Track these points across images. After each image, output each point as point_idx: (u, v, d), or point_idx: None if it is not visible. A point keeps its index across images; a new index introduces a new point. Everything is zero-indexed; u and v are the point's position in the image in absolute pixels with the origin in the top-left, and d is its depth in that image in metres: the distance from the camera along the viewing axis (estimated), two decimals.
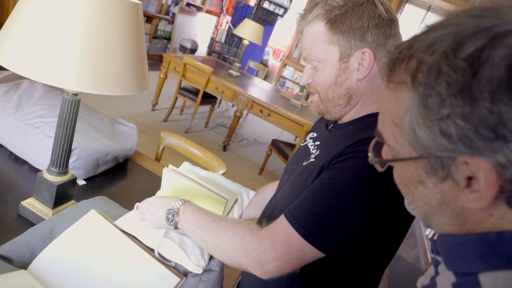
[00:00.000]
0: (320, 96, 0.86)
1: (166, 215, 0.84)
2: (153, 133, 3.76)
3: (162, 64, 4.01)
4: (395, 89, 0.41)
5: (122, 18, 0.84)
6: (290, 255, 0.72)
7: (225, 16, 7.45)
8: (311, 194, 0.75)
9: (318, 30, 0.81)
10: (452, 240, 0.41)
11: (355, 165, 0.72)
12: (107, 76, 0.83)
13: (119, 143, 1.35)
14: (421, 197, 0.43)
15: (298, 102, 4.11)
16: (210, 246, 0.79)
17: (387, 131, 0.44)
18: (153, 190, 1.31)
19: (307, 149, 0.97)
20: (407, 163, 0.42)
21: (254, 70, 7.26)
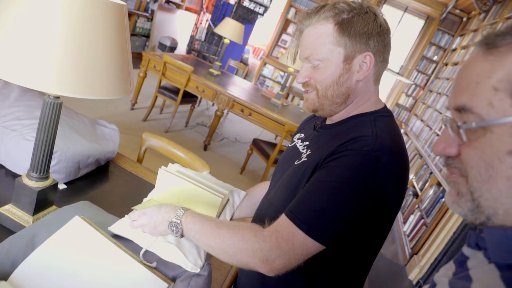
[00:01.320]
0: (319, 94, 0.90)
1: (169, 228, 0.86)
2: (132, 133, 3.70)
3: (142, 62, 3.95)
4: (503, 52, 0.44)
5: (106, 20, 0.82)
6: (295, 251, 0.77)
7: (205, 14, 7.40)
8: (309, 192, 0.80)
9: (326, 31, 0.86)
10: (503, 233, 0.43)
11: (348, 162, 0.78)
12: (90, 80, 0.81)
13: (100, 145, 1.32)
14: (507, 171, 0.43)
15: (279, 101, 4.12)
16: (217, 251, 0.83)
17: (479, 99, 0.45)
18: (136, 193, 1.29)
19: (297, 149, 1.01)
20: (499, 130, 0.43)
21: (234, 69, 7.25)
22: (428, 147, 5.10)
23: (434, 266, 3.03)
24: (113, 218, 0.96)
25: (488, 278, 0.42)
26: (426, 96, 6.82)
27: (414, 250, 3.41)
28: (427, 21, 6.94)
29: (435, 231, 3.19)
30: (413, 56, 7.07)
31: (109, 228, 0.91)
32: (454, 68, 5.88)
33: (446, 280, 0.50)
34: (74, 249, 0.79)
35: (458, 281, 0.47)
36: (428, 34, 6.83)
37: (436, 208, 3.46)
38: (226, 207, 1.17)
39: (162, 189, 1.11)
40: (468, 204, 0.47)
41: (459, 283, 0.46)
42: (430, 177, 4.11)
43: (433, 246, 3.08)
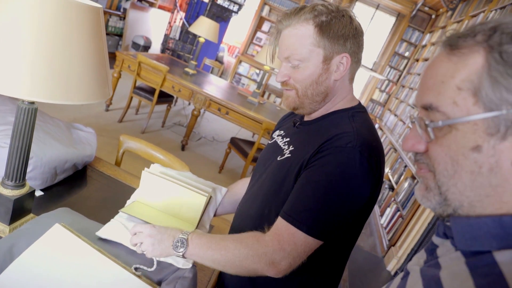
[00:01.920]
0: (299, 92, 0.94)
1: (174, 243, 0.86)
2: (108, 135, 3.62)
3: (115, 62, 3.87)
4: (465, 53, 0.46)
5: (81, 23, 0.81)
6: (297, 250, 0.82)
7: (179, 12, 7.32)
8: (303, 193, 0.84)
9: (306, 32, 0.88)
10: (467, 222, 0.46)
11: (336, 159, 0.82)
12: (66, 84, 0.79)
13: (77, 149, 1.29)
14: (470, 166, 0.45)
15: (255, 100, 4.13)
16: (223, 263, 0.85)
17: (444, 99, 0.47)
18: (116, 196, 1.27)
19: (278, 146, 1.04)
20: (463, 127, 0.45)
21: (209, 67, 7.20)
22: (402, 140, 5.23)
23: (410, 257, 3.12)
24: (94, 224, 0.95)
25: (455, 265, 0.45)
26: (399, 91, 6.98)
27: (392, 241, 3.50)
28: (398, 18, 7.10)
29: (411, 223, 3.29)
30: (386, 52, 7.23)
31: (97, 233, 0.91)
32: (424, 63, 6.04)
33: (417, 268, 0.53)
34: (56, 257, 0.77)
35: (429, 269, 0.50)
36: (399, 31, 7.00)
37: (411, 201, 3.56)
38: (209, 205, 1.18)
39: (146, 191, 1.12)
40: (436, 197, 0.50)
41: (429, 271, 0.49)
42: (404, 170, 4.22)
43: (409, 237, 3.17)
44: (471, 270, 0.43)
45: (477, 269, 0.42)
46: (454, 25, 5.40)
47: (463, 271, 0.43)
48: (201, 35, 4.08)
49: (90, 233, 0.89)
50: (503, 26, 0.44)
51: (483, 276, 0.41)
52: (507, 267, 0.40)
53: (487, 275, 0.41)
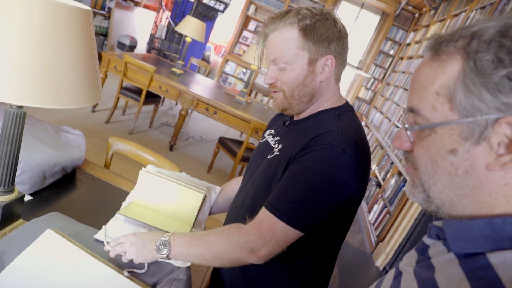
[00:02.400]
0: (286, 94, 0.97)
1: (157, 247, 0.88)
2: (95, 136, 3.58)
3: (101, 63, 3.82)
4: (445, 60, 0.47)
5: (71, 26, 0.80)
6: (277, 239, 0.85)
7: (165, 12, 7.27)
8: (285, 186, 0.87)
9: (291, 36, 0.91)
10: (459, 224, 0.47)
11: (318, 156, 0.86)
12: (54, 88, 0.78)
13: (66, 152, 1.28)
14: (447, 167, 0.48)
15: (243, 99, 4.13)
16: (207, 257, 0.88)
17: (424, 103, 0.49)
18: (106, 199, 1.26)
19: (268, 144, 1.08)
20: (441, 131, 0.47)
21: (196, 67, 7.17)
22: (389, 138, 5.30)
23: (398, 252, 3.17)
24: (85, 228, 0.94)
25: (449, 266, 0.46)
26: (384, 89, 7.07)
27: (380, 237, 3.55)
28: (382, 17, 7.18)
29: (398, 219, 3.34)
30: (371, 51, 7.30)
31: (95, 236, 0.92)
32: (409, 61, 6.13)
33: (411, 269, 0.54)
34: (49, 263, 0.77)
35: (422, 270, 0.51)
36: (384, 30, 7.07)
37: (398, 197, 3.61)
38: (204, 204, 1.20)
39: (143, 190, 1.13)
40: (420, 194, 0.52)
41: (423, 272, 0.50)
42: (391, 167, 4.28)
43: (397, 233, 3.22)
44: (466, 273, 0.43)
45: (472, 271, 0.43)
46: (437, 24, 5.49)
47: (458, 273, 0.44)
48: (187, 35, 4.05)
49: (82, 237, 0.89)
50: (482, 33, 0.45)
51: (478, 279, 0.42)
52: (502, 269, 0.41)
53: (482, 278, 0.42)
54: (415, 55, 5.85)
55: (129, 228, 0.98)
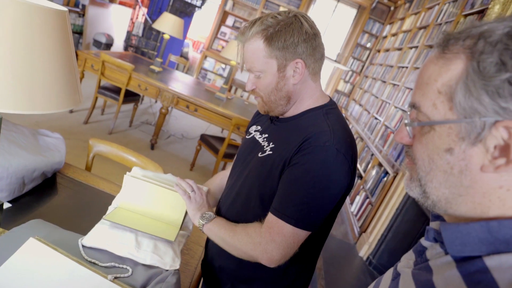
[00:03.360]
0: (264, 99, 1.02)
1: (204, 213, 1.06)
2: (74, 137, 3.51)
3: (78, 62, 3.73)
4: (450, 59, 0.47)
5: (46, 28, 0.78)
6: (287, 241, 0.91)
7: (141, 8, 7.14)
8: (288, 190, 0.92)
9: (258, 46, 0.95)
10: (456, 228, 0.47)
11: (315, 158, 0.90)
12: (29, 93, 0.76)
13: (45, 157, 1.25)
14: (443, 166, 0.48)
15: (223, 95, 4.12)
16: (229, 244, 0.98)
17: (426, 100, 0.50)
18: (89, 203, 1.25)
19: (256, 141, 1.10)
20: (440, 129, 0.48)
21: (174, 64, 7.09)
22: (368, 130, 5.38)
23: (381, 242, 3.23)
24: (69, 234, 0.93)
25: (446, 269, 0.47)
26: (363, 81, 7.16)
27: (362, 228, 3.61)
28: (359, 10, 7.26)
29: (380, 209, 3.41)
30: (348, 44, 7.38)
31: (82, 242, 0.92)
32: (386, 54, 6.22)
33: (409, 271, 0.55)
34: (33, 272, 0.75)
35: (420, 272, 0.52)
36: (360, 23, 7.15)
37: (379, 188, 3.68)
38: None
39: (129, 195, 1.12)
40: (417, 188, 0.53)
41: (421, 275, 0.51)
42: (371, 158, 4.36)
43: (379, 223, 3.29)
44: (464, 277, 0.44)
45: (469, 275, 0.44)
46: (412, 16, 5.58)
47: (456, 277, 0.45)
48: (165, 32, 4.00)
49: (66, 243, 0.87)
50: (489, 33, 0.44)
51: (476, 283, 0.42)
52: (498, 273, 0.41)
53: (479, 282, 0.42)
54: (391, 48, 5.94)
55: (116, 233, 0.97)
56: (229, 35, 7.35)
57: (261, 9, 7.00)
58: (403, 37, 5.61)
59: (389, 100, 4.94)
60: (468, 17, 3.55)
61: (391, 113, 4.69)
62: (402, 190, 3.16)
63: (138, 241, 0.97)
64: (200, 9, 7.20)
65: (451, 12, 4.05)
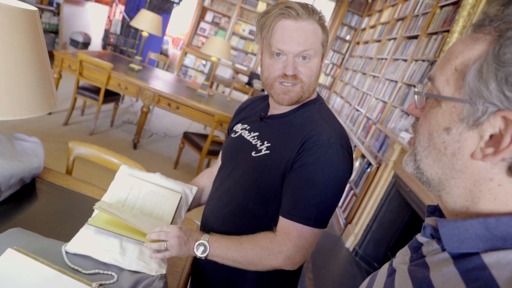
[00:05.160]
0: (304, 87, 0.98)
1: (196, 247, 0.96)
2: (53, 140, 3.43)
3: (54, 62, 3.64)
4: (477, 38, 0.47)
5: (14, 29, 0.75)
6: (308, 242, 0.93)
7: (118, 6, 7.00)
8: (300, 192, 0.92)
9: (317, 30, 0.95)
10: (454, 224, 0.47)
11: (323, 156, 0.91)
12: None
13: (23, 162, 1.21)
14: (439, 144, 0.49)
15: (205, 92, 4.08)
16: (243, 263, 0.95)
17: (442, 74, 0.50)
18: (70, 208, 1.21)
19: (246, 140, 1.06)
20: (445, 106, 0.48)
21: (154, 62, 7.00)
22: (350, 121, 5.43)
23: (366, 232, 3.28)
24: (50, 241, 0.90)
25: (444, 266, 0.47)
26: (343, 74, 7.22)
27: (348, 219, 3.65)
28: (337, 3, 7.29)
29: (364, 200, 3.45)
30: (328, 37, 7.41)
31: (66, 248, 0.90)
32: (365, 46, 6.28)
33: (405, 267, 0.55)
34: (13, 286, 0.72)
35: (417, 269, 0.51)
36: (339, 16, 7.19)
37: (363, 179, 3.73)
38: (180, 206, 1.19)
39: (119, 192, 1.12)
40: (411, 163, 0.55)
41: (418, 271, 0.51)
42: (354, 150, 4.40)
43: (364, 214, 3.33)
44: (462, 274, 0.44)
45: (467, 272, 0.43)
46: (389, 8, 5.64)
47: (454, 274, 0.44)
48: (143, 29, 3.93)
49: (47, 252, 0.84)
50: None
51: (474, 280, 0.42)
52: (496, 270, 0.41)
53: (478, 279, 0.42)
54: (370, 40, 5.99)
55: (100, 239, 0.94)
56: (209, 31, 7.29)
57: (240, 4, 6.96)
58: (382, 29, 5.66)
59: (370, 91, 4.99)
60: (444, 8, 3.60)
61: (372, 104, 4.74)
62: (385, 180, 3.20)
63: (123, 247, 0.95)
64: (179, 5, 7.10)
65: (427, 4, 4.10)
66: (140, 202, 1.12)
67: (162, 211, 1.12)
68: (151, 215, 1.10)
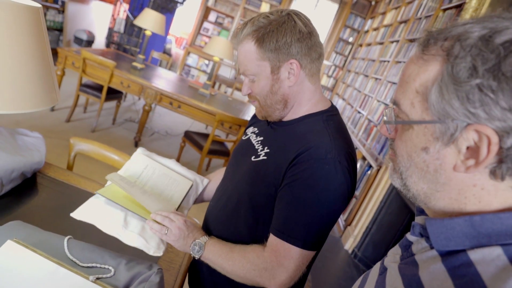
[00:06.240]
0: (260, 103, 0.97)
1: (192, 246, 0.95)
2: (56, 136, 3.44)
3: (58, 59, 3.66)
4: (428, 60, 0.48)
5: (18, 26, 0.76)
6: (295, 263, 0.86)
7: (122, 4, 7.03)
8: (291, 210, 0.86)
9: (250, 49, 0.90)
10: (441, 223, 0.49)
11: (318, 172, 0.84)
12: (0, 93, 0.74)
13: (24, 157, 1.23)
14: (420, 164, 0.50)
15: (207, 91, 4.09)
16: (230, 272, 0.92)
17: (405, 98, 0.51)
18: (70, 203, 1.22)
19: (251, 144, 1.05)
20: (417, 128, 0.49)
21: (157, 61, 7.02)
22: (351, 124, 5.43)
23: (366, 235, 3.28)
24: (50, 235, 0.91)
25: (432, 263, 0.48)
26: (345, 75, 7.22)
27: (347, 221, 3.66)
28: (340, 5, 7.29)
29: (364, 202, 3.45)
30: (331, 39, 7.42)
31: (71, 214, 0.94)
32: (368, 48, 6.28)
33: (395, 265, 0.56)
34: (12, 276, 0.73)
35: (407, 267, 0.53)
36: (342, 18, 7.20)
37: (363, 181, 3.73)
38: (190, 192, 1.22)
39: (134, 169, 1.17)
40: (398, 180, 0.55)
41: (408, 269, 0.52)
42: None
43: (363, 216, 3.33)
44: (449, 270, 0.45)
45: (454, 269, 0.45)
46: (392, 11, 5.64)
47: (441, 271, 0.46)
48: (147, 28, 3.95)
49: (46, 245, 0.85)
50: (466, 36, 0.44)
51: (461, 276, 0.43)
52: (481, 266, 0.42)
53: (464, 275, 0.43)
54: (373, 42, 5.99)
55: (106, 209, 0.97)
56: (212, 31, 7.30)
57: (244, 5, 6.97)
58: (385, 31, 5.67)
59: (372, 94, 5.00)
60: (446, 11, 3.61)
61: (374, 106, 4.74)
62: (385, 183, 3.21)
63: (126, 221, 0.96)
64: (182, 5, 7.13)
65: (430, 7, 4.11)
66: (152, 182, 1.16)
67: (171, 195, 1.15)
68: (160, 196, 1.13)
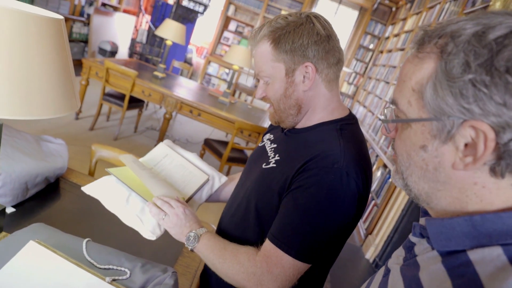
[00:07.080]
0: (274, 107, 0.95)
1: (188, 235, 0.92)
2: (80, 144, 3.55)
3: (83, 70, 3.78)
4: (423, 58, 0.48)
5: (42, 36, 0.80)
6: (285, 273, 0.81)
7: (144, 16, 7.22)
8: (290, 216, 0.83)
9: (265, 50, 0.89)
10: (441, 223, 0.48)
11: (322, 181, 0.80)
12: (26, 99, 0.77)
13: (48, 162, 1.27)
14: (419, 162, 0.50)
15: (226, 100, 4.14)
16: (219, 270, 0.88)
17: (403, 97, 0.51)
18: (91, 207, 1.26)
19: (265, 151, 1.03)
20: (415, 127, 0.49)
21: (178, 70, 7.14)
22: (373, 131, 5.36)
23: (387, 244, 3.22)
24: (70, 237, 0.94)
25: (432, 264, 0.48)
26: (366, 82, 7.15)
27: (368, 230, 3.60)
28: (360, 12, 7.26)
29: (385, 211, 3.39)
30: (351, 46, 7.38)
31: (82, 188, 1.01)
32: (389, 55, 6.21)
33: (398, 267, 0.56)
34: (32, 275, 0.76)
35: (408, 268, 0.53)
36: (362, 24, 7.16)
37: (384, 189, 3.67)
38: (204, 187, 1.22)
39: (155, 157, 1.22)
40: (400, 181, 0.55)
41: (409, 271, 0.52)
42: (376, 160, 4.34)
43: (385, 224, 3.27)
44: (448, 271, 0.45)
45: (453, 269, 0.44)
46: (413, 17, 5.57)
47: (441, 271, 0.45)
48: (167, 38, 4.04)
49: (66, 247, 0.88)
50: (459, 33, 0.44)
51: (459, 276, 0.43)
52: (480, 266, 0.42)
53: (463, 275, 0.43)
54: (394, 48, 5.93)
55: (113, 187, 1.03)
56: (232, 40, 7.39)
57: (263, 14, 7.04)
58: (405, 37, 5.60)
59: None
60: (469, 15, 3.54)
61: None
62: None
63: (128, 200, 0.99)
64: (203, 15, 7.26)
65: (452, 11, 4.04)
66: (168, 171, 1.19)
67: (184, 185, 1.16)
68: (172, 185, 1.14)
